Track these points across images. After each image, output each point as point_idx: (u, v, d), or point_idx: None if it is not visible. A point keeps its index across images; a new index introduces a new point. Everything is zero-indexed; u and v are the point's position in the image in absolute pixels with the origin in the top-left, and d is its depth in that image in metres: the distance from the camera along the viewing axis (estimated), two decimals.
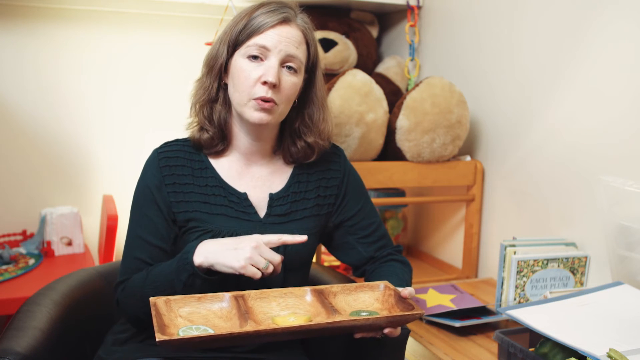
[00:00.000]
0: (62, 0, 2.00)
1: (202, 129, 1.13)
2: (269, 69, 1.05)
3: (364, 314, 0.99)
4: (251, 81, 1.06)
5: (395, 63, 2.06)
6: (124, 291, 1.08)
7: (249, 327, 0.88)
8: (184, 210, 1.10)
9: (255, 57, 1.06)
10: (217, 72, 1.11)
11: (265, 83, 1.05)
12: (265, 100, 1.05)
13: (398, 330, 1.00)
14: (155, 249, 1.09)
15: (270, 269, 0.97)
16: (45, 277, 1.74)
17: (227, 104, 1.13)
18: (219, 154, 1.15)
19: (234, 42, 1.08)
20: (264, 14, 1.06)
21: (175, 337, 0.85)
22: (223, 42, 1.10)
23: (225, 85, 1.12)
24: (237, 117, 1.12)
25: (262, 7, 1.08)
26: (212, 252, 0.98)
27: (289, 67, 1.07)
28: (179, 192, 1.10)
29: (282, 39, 1.06)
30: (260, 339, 0.92)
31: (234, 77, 1.08)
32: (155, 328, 0.85)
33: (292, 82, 1.08)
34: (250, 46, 1.06)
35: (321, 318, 0.97)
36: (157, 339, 0.82)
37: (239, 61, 1.07)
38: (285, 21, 1.07)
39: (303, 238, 1.01)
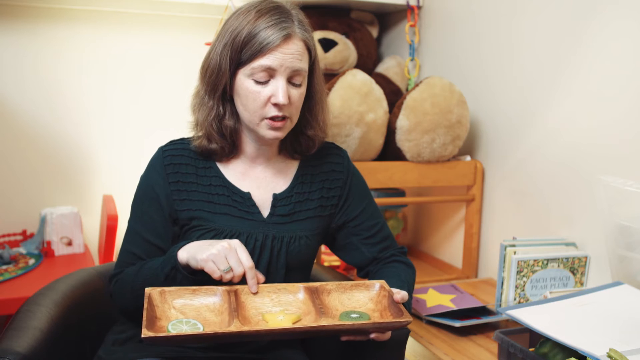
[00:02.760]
0: (62, 0, 2.00)
1: (210, 140, 1.12)
2: (277, 89, 1.04)
3: (354, 315, 0.98)
4: (261, 102, 1.05)
5: (395, 63, 2.06)
6: (117, 284, 1.10)
7: (233, 327, 0.89)
8: (187, 209, 1.10)
9: (261, 77, 1.05)
10: (221, 92, 1.09)
11: (276, 105, 1.04)
12: (277, 119, 1.06)
13: (387, 335, 1.00)
14: (152, 246, 1.10)
15: (229, 275, 0.97)
16: (45, 277, 1.74)
17: (234, 114, 1.12)
18: (228, 159, 1.15)
19: (236, 60, 1.05)
20: (265, 30, 1.02)
21: (160, 334, 0.86)
22: (224, 60, 1.06)
23: (230, 97, 1.11)
24: (246, 127, 1.12)
25: (261, 19, 1.04)
26: (192, 247, 1.00)
27: (296, 80, 1.07)
28: (183, 190, 1.10)
29: (287, 57, 1.03)
30: (243, 339, 0.93)
31: (241, 97, 1.07)
32: (144, 323, 0.87)
33: (300, 94, 1.08)
34: (255, 68, 1.03)
35: (310, 318, 0.97)
36: (142, 335, 0.84)
37: (245, 81, 1.05)
38: (287, 37, 1.04)
39: (254, 290, 1.01)
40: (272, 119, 1.06)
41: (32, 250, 1.98)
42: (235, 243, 0.99)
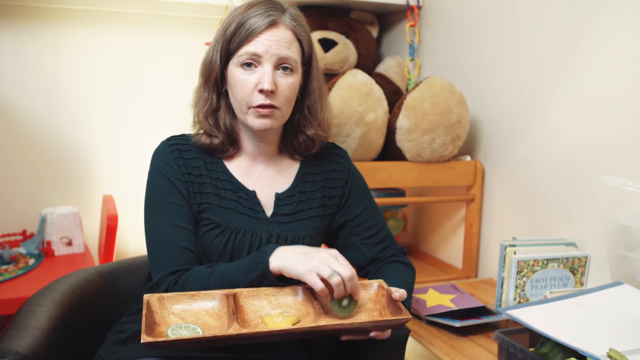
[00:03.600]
0: (62, 0, 2.00)
1: (210, 135, 1.13)
2: (263, 75, 1.04)
3: (344, 302, 0.97)
4: (248, 90, 1.06)
5: (395, 63, 2.06)
6: (177, 285, 1.05)
7: (232, 329, 0.89)
8: (199, 202, 1.10)
9: (248, 65, 1.06)
10: (214, 82, 1.11)
11: (261, 91, 1.05)
12: (264, 107, 1.05)
13: (386, 333, 1.00)
14: (192, 235, 1.09)
15: (336, 278, 0.94)
16: (45, 277, 1.74)
17: (231, 109, 1.13)
18: (231, 157, 1.16)
19: (226, 51, 1.08)
20: (251, 18, 1.05)
21: (160, 339, 0.86)
22: (216, 51, 1.09)
23: (226, 91, 1.12)
24: (240, 122, 1.13)
25: (249, 10, 1.06)
26: (287, 255, 0.98)
27: (284, 68, 1.07)
28: (196, 183, 1.11)
29: (272, 43, 1.05)
30: (243, 341, 0.93)
31: (232, 87, 1.09)
32: (143, 329, 0.87)
33: (289, 84, 1.08)
34: (242, 55, 1.05)
35: (309, 319, 0.97)
36: (142, 340, 0.84)
37: (234, 70, 1.07)
38: (273, 24, 1.05)
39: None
40: (259, 107, 1.06)
41: (32, 250, 1.98)
42: (335, 252, 0.98)
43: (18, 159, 2.06)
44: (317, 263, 0.95)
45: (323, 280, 0.95)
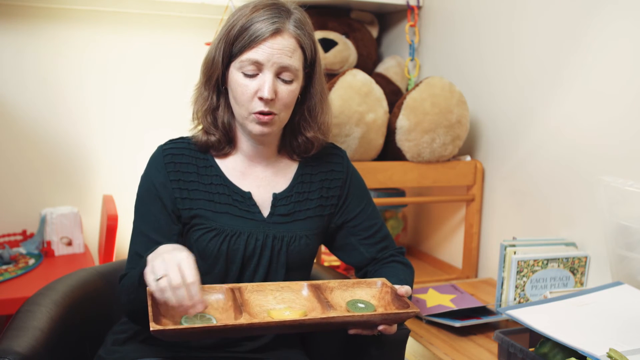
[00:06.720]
0: (62, 0, 2.00)
1: (207, 133, 1.13)
2: (263, 84, 1.04)
3: (360, 305, 0.99)
4: (248, 96, 1.05)
5: (395, 63, 2.06)
6: (121, 286, 1.08)
7: (243, 319, 0.89)
8: (189, 208, 1.10)
9: (250, 71, 1.05)
10: (215, 82, 1.11)
11: (261, 98, 1.05)
12: (263, 114, 1.06)
13: (393, 328, 1.00)
14: (156, 245, 1.08)
15: (163, 283, 0.87)
16: (45, 277, 1.74)
17: (229, 107, 1.13)
18: (225, 154, 1.16)
19: (229, 53, 1.07)
20: (256, 24, 1.04)
21: (169, 327, 0.85)
22: (218, 51, 1.08)
23: (226, 89, 1.12)
24: (239, 123, 1.12)
25: (255, 13, 1.05)
26: (156, 252, 0.93)
27: (285, 76, 1.07)
28: (184, 189, 1.11)
29: (275, 52, 1.04)
30: (253, 332, 0.93)
31: (232, 89, 1.08)
32: (150, 317, 0.86)
33: (289, 91, 1.07)
34: (244, 61, 1.05)
35: (316, 313, 0.97)
36: (150, 329, 0.83)
37: (235, 74, 1.07)
38: (277, 32, 1.04)
39: (199, 309, 0.90)
40: (259, 113, 1.06)
41: (32, 250, 1.98)
42: (183, 255, 0.90)
43: (18, 159, 2.06)
44: (159, 262, 0.89)
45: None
